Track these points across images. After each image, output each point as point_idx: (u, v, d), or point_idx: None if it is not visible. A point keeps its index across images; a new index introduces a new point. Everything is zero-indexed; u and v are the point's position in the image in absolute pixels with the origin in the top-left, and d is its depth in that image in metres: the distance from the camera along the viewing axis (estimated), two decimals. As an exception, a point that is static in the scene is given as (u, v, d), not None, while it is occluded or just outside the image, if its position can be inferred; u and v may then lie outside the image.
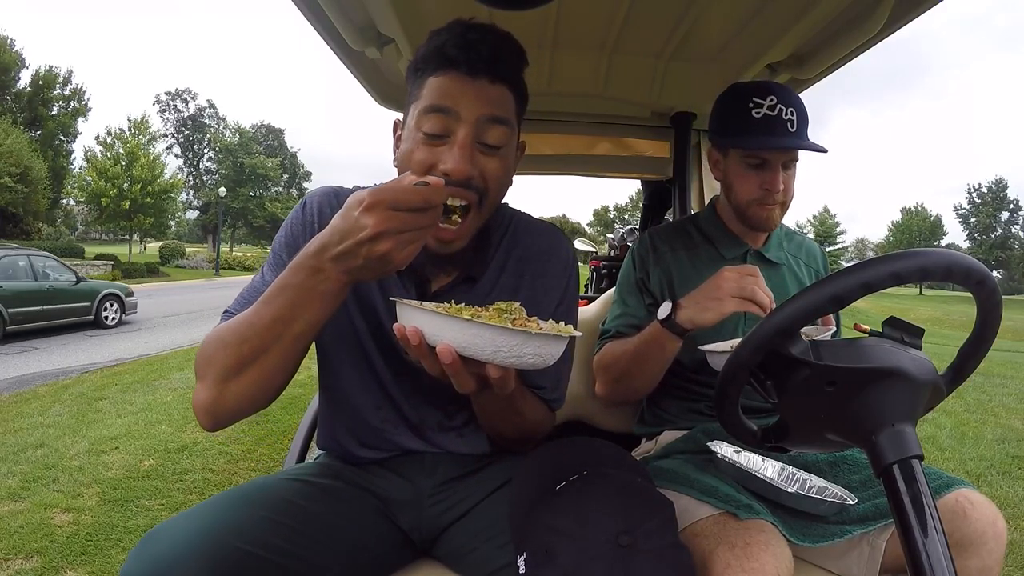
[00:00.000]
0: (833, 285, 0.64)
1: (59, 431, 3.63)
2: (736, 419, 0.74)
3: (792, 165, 1.18)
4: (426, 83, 0.81)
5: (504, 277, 0.94)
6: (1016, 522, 2.68)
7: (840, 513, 0.97)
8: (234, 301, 0.87)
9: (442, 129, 0.80)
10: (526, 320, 0.73)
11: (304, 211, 0.91)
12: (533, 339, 0.65)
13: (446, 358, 0.64)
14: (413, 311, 0.68)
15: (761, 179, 1.17)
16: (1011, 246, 54.85)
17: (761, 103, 1.14)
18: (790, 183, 1.18)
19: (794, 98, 1.15)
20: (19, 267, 9.11)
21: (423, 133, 0.80)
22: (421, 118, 0.80)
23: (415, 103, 0.82)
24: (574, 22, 1.40)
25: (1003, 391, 5.58)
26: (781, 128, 1.12)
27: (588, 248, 6.52)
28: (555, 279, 0.96)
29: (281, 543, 0.76)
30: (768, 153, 1.16)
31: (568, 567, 0.67)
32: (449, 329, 0.65)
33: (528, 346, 0.65)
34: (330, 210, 0.90)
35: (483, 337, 0.64)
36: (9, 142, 22.69)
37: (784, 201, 1.19)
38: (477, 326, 0.64)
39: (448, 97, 0.79)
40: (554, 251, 0.97)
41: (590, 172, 2.25)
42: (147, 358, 6.45)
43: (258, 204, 47.31)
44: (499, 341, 0.64)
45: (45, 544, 2.21)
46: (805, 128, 1.15)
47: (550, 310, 0.95)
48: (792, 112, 1.13)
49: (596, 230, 63.68)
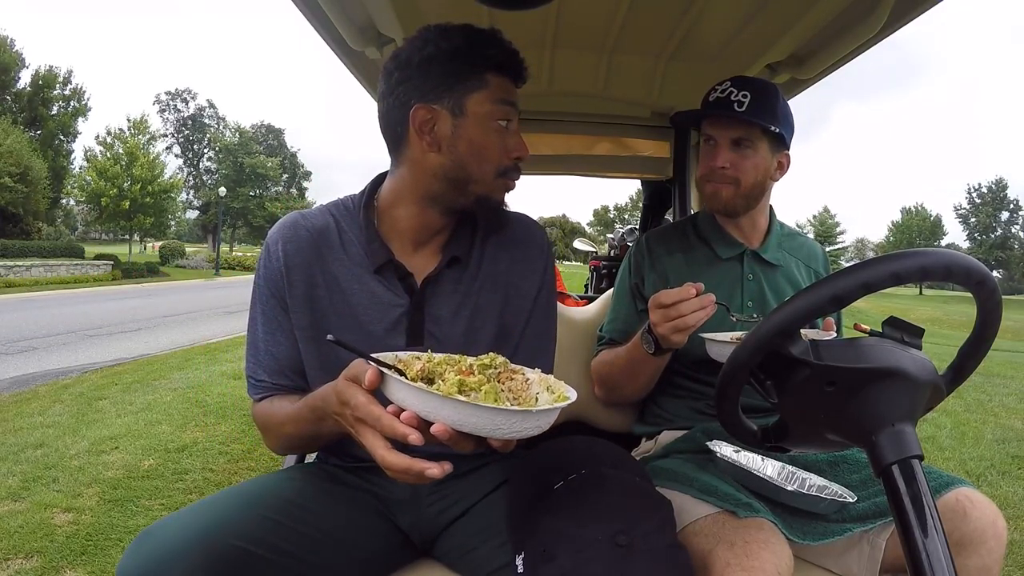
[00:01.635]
0: (833, 285, 0.63)
1: (59, 431, 3.62)
2: (736, 419, 0.74)
3: (746, 144, 1.18)
4: (487, 78, 0.86)
5: (486, 264, 0.96)
6: (1016, 522, 2.68)
7: (840, 512, 0.97)
8: (250, 365, 0.93)
9: (510, 117, 0.90)
10: (512, 372, 0.72)
11: (268, 255, 0.93)
12: (532, 416, 0.62)
13: (443, 436, 0.62)
14: (406, 388, 0.64)
15: (708, 156, 1.21)
16: (1011, 246, 54.82)
17: (716, 89, 1.19)
18: (743, 164, 1.18)
19: (755, 85, 1.16)
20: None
21: (497, 121, 0.88)
22: (496, 108, 0.87)
23: (479, 92, 0.86)
24: (574, 22, 1.40)
25: (1003, 391, 5.57)
26: (727, 108, 1.16)
27: (588, 248, 6.51)
28: (533, 263, 0.99)
29: (278, 541, 0.76)
30: (713, 129, 1.20)
31: (566, 567, 0.67)
32: (444, 409, 0.62)
33: (527, 422, 0.63)
34: (292, 245, 0.91)
35: (481, 417, 0.61)
36: (9, 142, 22.68)
37: (738, 181, 1.18)
38: (473, 407, 0.61)
39: (512, 93, 0.90)
40: (531, 237, 1.01)
41: (590, 172, 2.25)
42: (147, 358, 6.45)
43: (258, 204, 47.25)
44: (498, 420, 0.62)
45: (45, 544, 2.21)
46: (761, 111, 1.15)
47: (532, 294, 0.98)
48: (745, 95, 1.15)
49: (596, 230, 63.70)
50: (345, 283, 0.90)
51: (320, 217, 0.94)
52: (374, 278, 0.90)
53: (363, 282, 0.90)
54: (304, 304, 0.90)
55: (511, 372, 0.72)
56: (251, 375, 0.93)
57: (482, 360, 0.71)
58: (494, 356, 0.73)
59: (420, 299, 0.91)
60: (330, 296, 0.90)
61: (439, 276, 0.92)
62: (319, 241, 0.91)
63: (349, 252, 0.91)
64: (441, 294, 0.92)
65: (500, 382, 0.70)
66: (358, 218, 0.93)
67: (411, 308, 0.90)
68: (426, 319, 0.91)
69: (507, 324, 0.95)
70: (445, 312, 0.92)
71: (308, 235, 0.92)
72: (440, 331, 0.91)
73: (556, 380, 0.72)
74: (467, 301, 0.93)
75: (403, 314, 0.90)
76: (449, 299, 0.93)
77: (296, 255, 0.90)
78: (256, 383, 0.92)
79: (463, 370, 0.69)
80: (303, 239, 0.91)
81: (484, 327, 0.93)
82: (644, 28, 1.41)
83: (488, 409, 0.61)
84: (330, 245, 0.92)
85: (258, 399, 0.92)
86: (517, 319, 0.96)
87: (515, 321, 0.96)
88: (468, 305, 0.93)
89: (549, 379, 0.72)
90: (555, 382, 0.72)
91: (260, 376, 0.91)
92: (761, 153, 1.18)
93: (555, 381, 0.72)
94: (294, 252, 0.90)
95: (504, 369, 0.71)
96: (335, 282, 0.90)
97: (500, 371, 0.71)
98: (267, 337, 0.91)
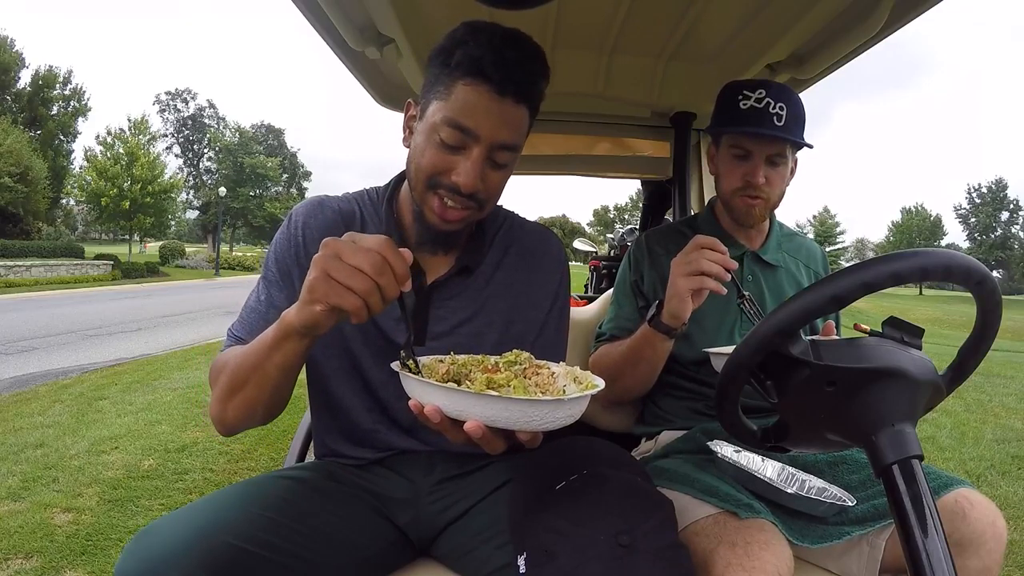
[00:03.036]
0: (833, 285, 0.63)
1: (59, 431, 3.62)
2: (736, 419, 0.74)
3: (781, 161, 1.17)
4: (455, 88, 0.80)
5: (499, 273, 0.97)
6: (1016, 522, 2.68)
7: (839, 514, 0.97)
8: (236, 322, 0.92)
9: (459, 142, 0.82)
10: (537, 367, 0.72)
11: (289, 226, 0.94)
12: (564, 405, 0.63)
13: (476, 433, 0.62)
14: (434, 390, 0.64)
15: (744, 170, 1.17)
16: (1011, 246, 54.80)
17: (750, 95, 1.14)
18: (776, 179, 1.18)
19: (788, 96, 1.14)
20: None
21: (440, 139, 0.82)
22: (442, 127, 0.81)
23: (440, 101, 0.82)
24: (574, 22, 1.40)
25: (1003, 391, 5.57)
26: (767, 120, 1.12)
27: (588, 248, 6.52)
28: (548, 275, 1.00)
29: (276, 541, 0.76)
30: (751, 143, 1.16)
31: (567, 567, 0.67)
32: (476, 406, 0.62)
33: (560, 411, 0.63)
34: (314, 222, 0.93)
35: (514, 410, 0.61)
36: (9, 142, 22.68)
37: (769, 197, 1.18)
38: (506, 401, 0.61)
39: (472, 116, 0.80)
40: (547, 249, 1.01)
41: (590, 172, 2.25)
42: (147, 358, 6.45)
43: (258, 204, 47.23)
44: (531, 412, 0.62)
45: (45, 544, 2.21)
46: (796, 127, 1.14)
47: (546, 305, 0.98)
48: (782, 108, 1.12)
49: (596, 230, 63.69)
50: None
51: (346, 203, 0.97)
52: None
53: None
54: None
55: (536, 367, 0.72)
56: (231, 329, 0.92)
57: (507, 357, 0.72)
58: (519, 352, 0.73)
59: (426, 300, 0.92)
60: None
61: (447, 281, 0.93)
62: (342, 224, 0.93)
63: None
64: (447, 297, 0.93)
65: (527, 377, 0.71)
66: (381, 209, 0.95)
67: (416, 307, 0.91)
68: (430, 319, 0.92)
69: (518, 333, 0.95)
70: (449, 315, 0.93)
71: (332, 215, 0.94)
72: (443, 333, 0.92)
73: (582, 371, 0.74)
74: (473, 306, 0.94)
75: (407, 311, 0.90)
76: (454, 303, 0.93)
77: (316, 231, 0.92)
78: (232, 336, 0.91)
79: (488, 368, 0.70)
80: (327, 218, 0.94)
81: (488, 333, 0.93)
82: (644, 28, 1.40)
83: (520, 401, 0.62)
84: (351, 230, 0.92)
85: (223, 350, 0.90)
86: (529, 328, 0.97)
87: (527, 330, 0.96)
88: (473, 310, 0.94)
89: (575, 370, 0.74)
90: (581, 372, 0.73)
91: (239, 332, 0.91)
92: (789, 165, 1.19)
93: (581, 372, 0.73)
94: (315, 228, 0.92)
95: (529, 364, 0.72)
96: None
97: (526, 367, 0.71)
98: (264, 300, 0.91)
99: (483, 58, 0.79)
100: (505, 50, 0.79)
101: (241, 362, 0.78)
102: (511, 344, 0.93)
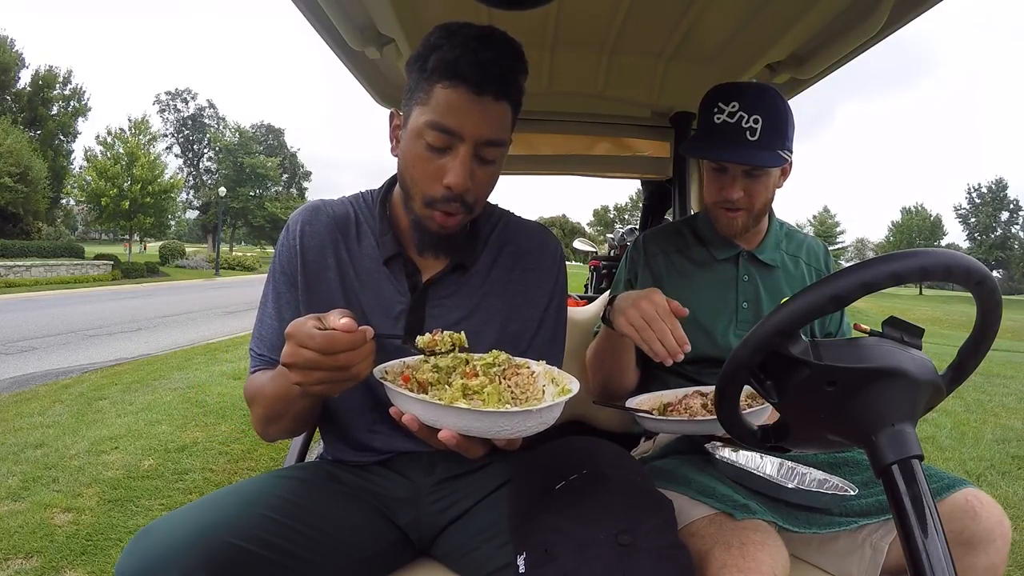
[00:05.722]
0: (833, 285, 0.63)
1: (59, 431, 3.62)
2: (736, 419, 0.74)
3: (759, 173, 1.13)
4: (434, 92, 0.81)
5: (495, 271, 0.97)
6: (1016, 522, 2.68)
7: (842, 506, 0.97)
8: (254, 339, 0.96)
9: (445, 144, 0.83)
10: (516, 367, 0.73)
11: (288, 234, 0.96)
12: (533, 415, 0.63)
13: (450, 441, 0.66)
14: (409, 400, 0.67)
15: (720, 184, 1.16)
16: (1011, 246, 54.78)
17: (724, 107, 1.10)
18: (757, 189, 1.15)
19: (766, 104, 1.10)
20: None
21: (426, 143, 0.82)
22: (426, 130, 0.82)
23: (421, 106, 0.83)
24: (574, 22, 1.39)
25: (1003, 391, 5.57)
26: (738, 136, 1.09)
27: (588, 248, 6.53)
28: (545, 273, 1.00)
29: (276, 540, 0.76)
30: (723, 160, 1.13)
31: (568, 567, 0.67)
32: (448, 417, 0.64)
33: (530, 420, 0.64)
34: (311, 227, 0.95)
35: (483, 421, 0.63)
36: (9, 142, 22.68)
37: (751, 207, 1.16)
38: (475, 414, 0.62)
39: (453, 117, 0.81)
40: (544, 247, 1.02)
41: (590, 172, 2.25)
42: (147, 358, 6.44)
43: (258, 204, 47.22)
44: (501, 422, 0.63)
45: (45, 544, 2.21)
46: (775, 137, 1.10)
47: (542, 303, 0.98)
48: (756, 120, 1.08)
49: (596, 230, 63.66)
50: (355, 271, 0.93)
51: (342, 206, 0.98)
52: (382, 270, 0.93)
53: (372, 272, 0.93)
54: (313, 285, 0.92)
55: (515, 368, 0.72)
56: (252, 348, 0.95)
57: (484, 359, 0.72)
58: (496, 354, 0.73)
59: (422, 298, 0.92)
60: (339, 281, 0.93)
61: (442, 279, 0.94)
62: (337, 228, 0.95)
63: (363, 242, 0.95)
64: (443, 296, 0.94)
65: (505, 378, 0.71)
66: (375, 211, 0.96)
67: (412, 305, 0.92)
68: (426, 318, 0.92)
69: (515, 331, 0.96)
70: (445, 313, 0.93)
71: (328, 220, 0.96)
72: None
73: (560, 372, 0.73)
74: (469, 304, 0.94)
75: (403, 310, 0.92)
76: (450, 301, 0.94)
77: (313, 237, 0.94)
78: (256, 356, 0.94)
79: (467, 372, 0.70)
80: (323, 223, 0.95)
81: (485, 331, 0.93)
82: (644, 28, 1.40)
83: (489, 414, 0.62)
84: (347, 233, 0.95)
85: (252, 371, 0.94)
86: (526, 327, 0.97)
87: (524, 328, 0.97)
88: (469, 308, 0.94)
89: (553, 371, 0.74)
90: (559, 374, 0.73)
91: (260, 350, 0.94)
92: (771, 174, 1.16)
93: (559, 373, 0.73)
94: (312, 234, 0.94)
95: (508, 366, 0.72)
96: (346, 268, 0.93)
97: (504, 368, 0.71)
98: (274, 313, 0.94)
99: (459, 60, 0.79)
100: (480, 50, 0.79)
101: (272, 402, 0.84)
102: (509, 342, 0.93)
